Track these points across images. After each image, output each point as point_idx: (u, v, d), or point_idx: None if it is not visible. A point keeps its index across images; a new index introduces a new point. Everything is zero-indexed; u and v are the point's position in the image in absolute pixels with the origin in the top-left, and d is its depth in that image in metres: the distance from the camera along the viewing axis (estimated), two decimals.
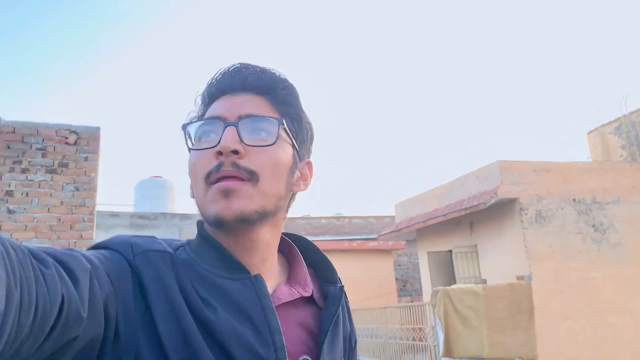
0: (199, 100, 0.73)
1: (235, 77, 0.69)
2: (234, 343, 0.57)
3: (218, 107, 0.68)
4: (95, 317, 0.51)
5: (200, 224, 0.70)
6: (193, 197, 0.67)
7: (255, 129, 0.65)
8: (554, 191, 8.21)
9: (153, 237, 0.66)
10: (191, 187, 0.68)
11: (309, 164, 0.74)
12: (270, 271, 0.69)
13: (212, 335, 0.57)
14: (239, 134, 0.63)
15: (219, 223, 0.62)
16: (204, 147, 0.65)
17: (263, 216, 0.64)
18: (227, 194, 0.62)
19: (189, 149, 0.68)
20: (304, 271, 0.72)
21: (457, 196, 9.35)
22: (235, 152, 0.62)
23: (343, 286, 0.75)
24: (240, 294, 0.62)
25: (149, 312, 0.57)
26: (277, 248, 0.72)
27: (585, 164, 9.07)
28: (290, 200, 0.72)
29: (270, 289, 0.66)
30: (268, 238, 0.68)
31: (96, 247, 0.63)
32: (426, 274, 10.52)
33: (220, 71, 0.70)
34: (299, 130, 0.71)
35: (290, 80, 0.71)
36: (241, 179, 0.62)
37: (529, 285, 7.40)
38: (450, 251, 9.71)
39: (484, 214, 8.58)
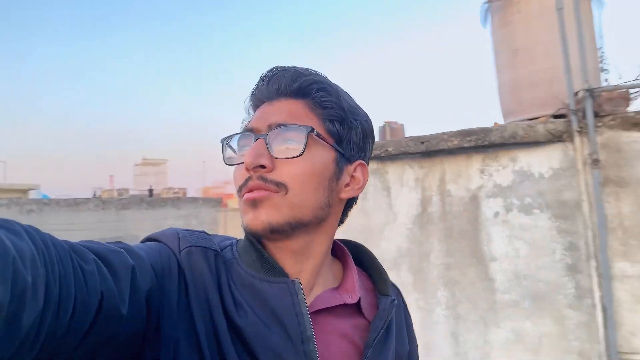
0: (246, 110, 0.72)
1: (271, 85, 0.68)
2: (261, 350, 0.57)
3: (253, 118, 0.68)
4: (137, 314, 0.52)
5: None
6: None
7: (284, 139, 0.63)
8: None
9: (204, 232, 0.67)
10: None
11: (362, 166, 0.70)
12: (317, 278, 0.67)
13: (242, 340, 0.57)
14: (268, 146, 0.63)
15: (251, 234, 0.63)
16: (237, 162, 0.66)
17: (298, 227, 0.63)
18: (254, 204, 0.62)
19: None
20: (353, 279, 0.70)
21: None
22: (263, 166, 0.62)
23: (395, 299, 0.71)
24: (276, 299, 0.60)
25: (189, 309, 0.57)
26: (326, 255, 0.69)
27: None
28: (345, 207, 0.71)
29: (313, 296, 0.66)
30: (312, 246, 0.66)
31: (147, 239, 0.64)
32: None
33: (260, 79, 0.69)
34: (343, 131, 0.67)
35: (329, 81, 0.68)
36: (268, 190, 0.61)
37: None
38: None
39: None
